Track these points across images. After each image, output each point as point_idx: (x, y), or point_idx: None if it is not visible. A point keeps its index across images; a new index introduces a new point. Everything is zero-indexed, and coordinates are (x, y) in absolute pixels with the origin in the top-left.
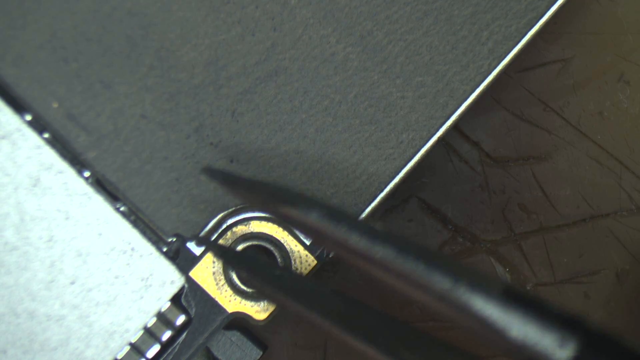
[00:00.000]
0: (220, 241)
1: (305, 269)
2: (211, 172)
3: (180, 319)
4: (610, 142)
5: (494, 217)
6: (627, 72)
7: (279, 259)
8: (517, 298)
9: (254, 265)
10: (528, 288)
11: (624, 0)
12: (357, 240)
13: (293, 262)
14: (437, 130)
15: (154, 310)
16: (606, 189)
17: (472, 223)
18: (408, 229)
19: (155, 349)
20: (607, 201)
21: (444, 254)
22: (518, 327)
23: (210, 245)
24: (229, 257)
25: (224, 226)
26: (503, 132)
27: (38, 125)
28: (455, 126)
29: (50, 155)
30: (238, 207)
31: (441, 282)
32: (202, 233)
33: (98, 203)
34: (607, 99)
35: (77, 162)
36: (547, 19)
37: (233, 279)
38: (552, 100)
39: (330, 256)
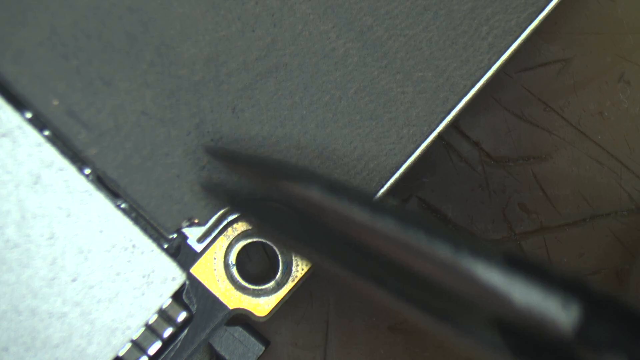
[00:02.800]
0: (221, 237)
1: (306, 265)
2: (212, 150)
3: (182, 316)
4: (610, 142)
5: (494, 217)
6: (628, 72)
7: (279, 256)
8: (518, 263)
9: (262, 209)
10: None
11: (624, 0)
12: (357, 213)
13: (294, 259)
14: (438, 125)
15: (156, 307)
16: (606, 189)
17: (472, 223)
18: None
19: (156, 345)
20: (608, 201)
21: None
22: (521, 291)
23: (218, 191)
24: (238, 200)
25: (225, 222)
26: (503, 132)
27: (38, 123)
28: (455, 126)
29: (51, 153)
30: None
31: (443, 250)
32: (203, 229)
33: (99, 200)
34: (608, 99)
35: (77, 159)
36: (547, 13)
37: (234, 275)
38: (552, 100)
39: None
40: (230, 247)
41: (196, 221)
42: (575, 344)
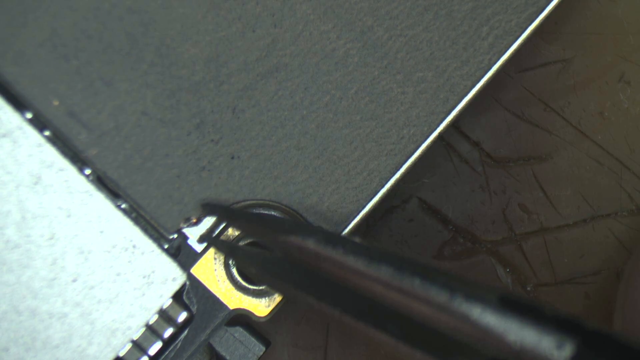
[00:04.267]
0: (222, 238)
1: None
2: (210, 208)
3: (182, 316)
4: (610, 142)
5: (495, 218)
6: (628, 73)
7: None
8: (513, 304)
9: (262, 260)
10: (528, 289)
11: (625, 0)
12: (354, 262)
13: None
14: (438, 125)
15: (156, 307)
16: (607, 189)
17: (473, 223)
18: (408, 230)
19: (157, 346)
20: (608, 201)
21: (439, 268)
22: (515, 332)
23: (217, 243)
24: (237, 254)
25: (225, 223)
26: (504, 133)
27: (39, 123)
28: (456, 126)
29: (51, 153)
30: (239, 204)
31: (438, 294)
32: (204, 230)
33: (99, 200)
34: (608, 99)
35: (78, 159)
36: (547, 14)
37: (234, 275)
38: (552, 101)
39: None
40: None
41: (194, 220)
42: None
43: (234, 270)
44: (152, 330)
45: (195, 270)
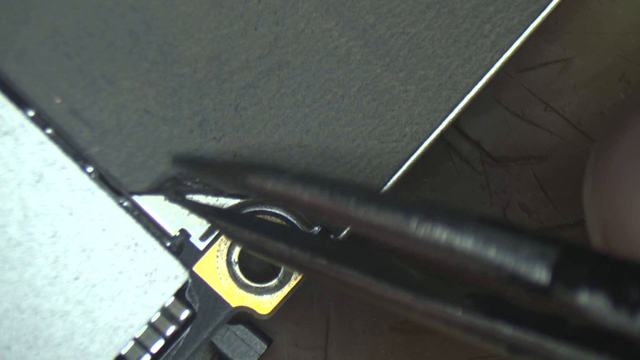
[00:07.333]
0: (222, 237)
1: None
2: (181, 159)
3: (184, 314)
4: None
5: (495, 217)
6: (629, 72)
7: None
8: (492, 222)
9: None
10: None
11: (625, 0)
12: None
13: None
14: (440, 123)
15: (158, 305)
16: None
17: None
18: None
19: (159, 344)
20: None
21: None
22: (494, 247)
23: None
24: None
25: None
26: (504, 132)
27: (41, 121)
28: (456, 126)
29: (54, 151)
30: (241, 202)
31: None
32: (206, 228)
33: (101, 198)
34: (609, 99)
35: (80, 157)
36: (549, 11)
37: (237, 273)
38: (553, 100)
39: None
40: (232, 245)
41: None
42: (552, 286)
43: (236, 268)
44: (154, 328)
45: (197, 268)
